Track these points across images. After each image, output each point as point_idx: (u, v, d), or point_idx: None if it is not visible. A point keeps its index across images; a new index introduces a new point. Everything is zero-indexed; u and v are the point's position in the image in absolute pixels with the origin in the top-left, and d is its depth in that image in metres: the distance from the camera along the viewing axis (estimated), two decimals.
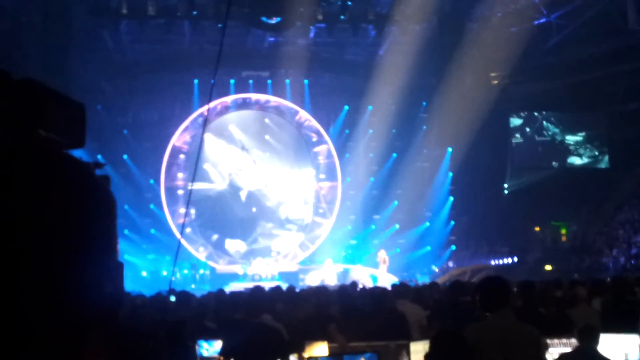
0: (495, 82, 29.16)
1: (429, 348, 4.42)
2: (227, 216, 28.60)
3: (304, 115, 28.89)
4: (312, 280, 24.48)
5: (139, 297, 11.64)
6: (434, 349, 4.36)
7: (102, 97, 26.76)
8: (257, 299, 7.29)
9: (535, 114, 31.78)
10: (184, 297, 10.28)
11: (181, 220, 27.04)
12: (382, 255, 24.81)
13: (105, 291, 0.87)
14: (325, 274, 24.85)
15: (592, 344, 6.06)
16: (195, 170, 26.37)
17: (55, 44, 24.39)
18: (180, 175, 27.91)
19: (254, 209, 29.08)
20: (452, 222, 29.30)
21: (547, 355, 5.90)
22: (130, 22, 25.92)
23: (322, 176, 29.64)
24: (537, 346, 4.81)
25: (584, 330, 6.10)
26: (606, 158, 32.03)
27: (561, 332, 6.38)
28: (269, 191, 29.28)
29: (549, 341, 6.18)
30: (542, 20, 26.58)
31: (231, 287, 19.84)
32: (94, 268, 0.87)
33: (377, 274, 24.30)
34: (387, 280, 22.34)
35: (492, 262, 27.87)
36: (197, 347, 7.21)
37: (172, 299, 9.88)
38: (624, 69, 27.17)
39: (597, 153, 32.30)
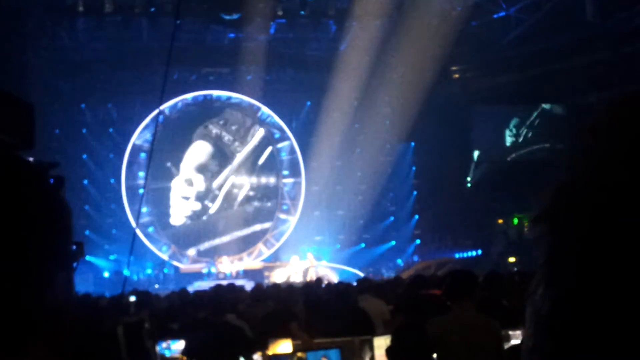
0: (457, 75, 29.27)
1: (391, 342, 4.39)
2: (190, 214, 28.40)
3: (266, 111, 28.76)
4: (277, 277, 24.38)
5: (102, 298, 11.48)
6: (395, 342, 4.33)
7: (60, 97, 26.33)
8: (220, 297, 7.20)
9: (497, 106, 31.97)
10: (145, 297, 10.16)
11: (145, 219, 26.85)
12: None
13: (47, 298, 0.79)
14: (291, 271, 24.76)
15: None
16: (148, 168, 26.11)
17: (11, 43, 23.87)
18: (141, 174, 27.57)
19: (217, 207, 28.88)
20: (417, 216, 29.45)
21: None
22: (87, 19, 25.48)
23: (286, 172, 29.54)
24: (497, 338, 4.83)
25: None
26: (567, 150, 32.32)
27: (524, 324, 6.36)
28: (232, 188, 29.09)
29: (511, 332, 6.17)
30: (502, 14, 26.69)
31: (195, 287, 19.71)
32: (34, 276, 0.79)
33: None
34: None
35: (457, 256, 28.04)
36: (157, 348, 7.08)
37: (133, 299, 9.74)
38: (583, 62, 27.42)
39: (557, 145, 32.57)
